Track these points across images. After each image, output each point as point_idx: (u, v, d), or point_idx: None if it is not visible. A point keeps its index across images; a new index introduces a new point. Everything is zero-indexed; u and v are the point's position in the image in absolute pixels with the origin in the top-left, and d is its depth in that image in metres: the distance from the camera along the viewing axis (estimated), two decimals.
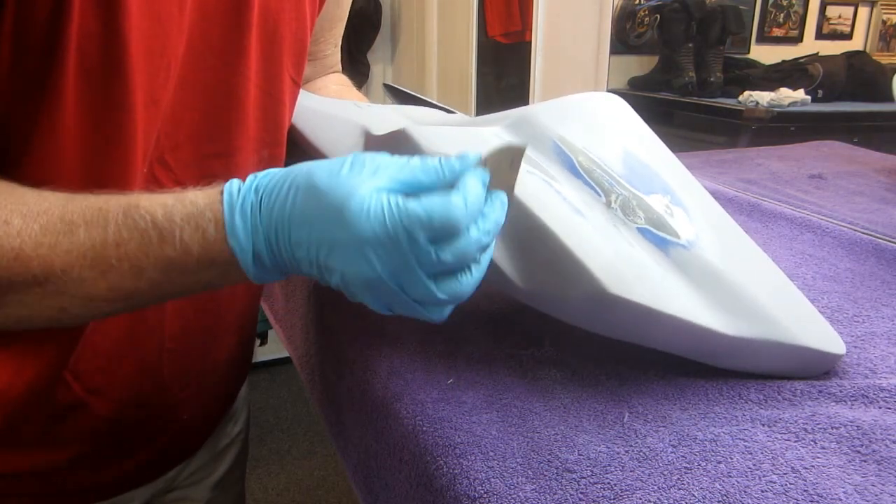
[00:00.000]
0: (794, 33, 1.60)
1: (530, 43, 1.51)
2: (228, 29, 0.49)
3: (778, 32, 1.61)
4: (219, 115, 0.51)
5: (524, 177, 0.46)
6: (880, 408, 0.43)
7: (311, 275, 0.39)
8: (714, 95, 1.60)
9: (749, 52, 1.64)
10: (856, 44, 1.48)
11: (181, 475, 0.66)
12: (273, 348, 2.23)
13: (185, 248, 0.37)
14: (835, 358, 0.47)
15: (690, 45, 1.62)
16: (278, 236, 0.38)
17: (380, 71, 2.45)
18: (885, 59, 1.46)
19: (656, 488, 0.37)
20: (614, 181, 0.47)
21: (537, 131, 0.49)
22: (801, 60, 1.53)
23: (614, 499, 0.37)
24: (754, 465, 0.39)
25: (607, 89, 1.39)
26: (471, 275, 0.38)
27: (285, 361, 2.29)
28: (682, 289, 0.44)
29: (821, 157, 1.26)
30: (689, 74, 1.61)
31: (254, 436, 1.22)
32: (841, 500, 0.36)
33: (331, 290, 0.54)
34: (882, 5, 1.46)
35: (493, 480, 0.39)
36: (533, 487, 0.38)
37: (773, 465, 0.39)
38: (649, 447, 0.41)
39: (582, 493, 0.37)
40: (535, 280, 0.46)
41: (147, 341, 0.53)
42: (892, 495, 0.36)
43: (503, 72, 2.09)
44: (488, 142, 0.48)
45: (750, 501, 0.36)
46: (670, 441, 0.41)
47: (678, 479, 0.38)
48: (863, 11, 1.47)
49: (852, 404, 0.44)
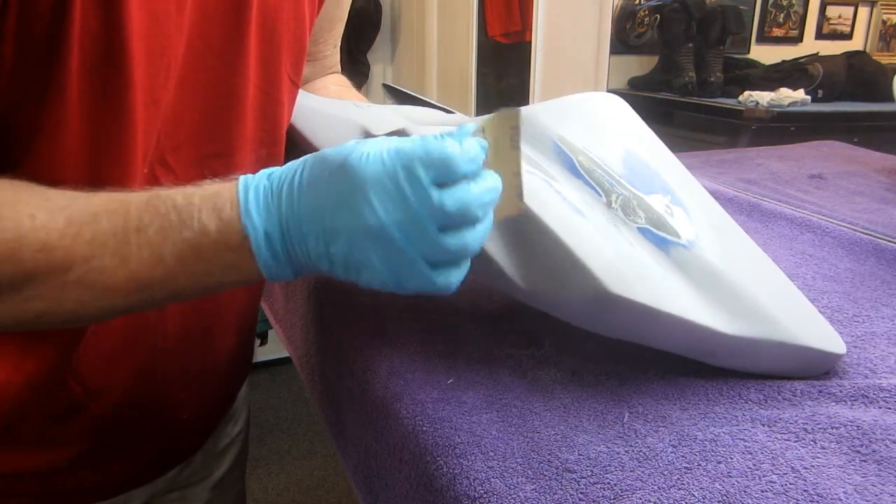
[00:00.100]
0: (794, 33, 1.60)
1: (530, 43, 1.51)
2: (228, 29, 0.49)
3: (778, 32, 1.61)
4: (218, 115, 0.51)
5: (525, 177, 0.46)
6: (880, 408, 0.43)
7: (320, 258, 0.39)
8: (714, 95, 1.60)
9: (749, 52, 1.64)
10: (856, 44, 1.48)
11: (181, 475, 0.66)
12: (273, 348, 2.23)
13: (203, 228, 0.39)
14: (835, 358, 0.47)
15: (690, 45, 1.62)
16: (289, 211, 0.39)
17: (380, 71, 2.45)
18: (885, 59, 1.46)
19: (656, 488, 0.37)
20: (614, 181, 0.47)
21: (537, 131, 0.49)
22: (801, 60, 1.53)
23: (614, 499, 0.37)
24: (754, 465, 0.39)
25: (607, 89, 1.39)
26: (475, 229, 0.38)
27: (285, 361, 2.29)
28: (683, 288, 0.44)
29: (821, 157, 1.26)
30: (689, 74, 1.61)
31: (254, 436, 1.22)
32: (841, 500, 0.36)
33: (331, 290, 0.54)
34: (882, 5, 1.46)
35: (493, 480, 0.39)
36: (533, 487, 0.38)
37: (773, 465, 0.39)
38: (649, 447, 0.41)
39: (582, 493, 0.37)
40: (535, 280, 0.46)
41: (147, 341, 0.53)
42: (892, 495, 0.36)
43: (503, 72, 2.09)
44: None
45: (750, 501, 0.36)
46: (670, 441, 0.41)
47: (678, 479, 0.38)
48: (863, 11, 1.47)
49: (852, 404, 0.44)
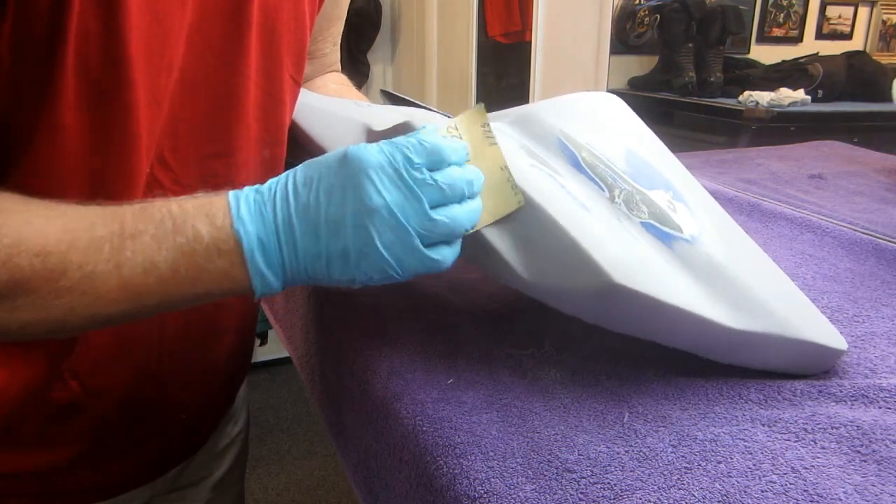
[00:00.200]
0: (794, 33, 1.60)
1: (530, 43, 1.51)
2: (228, 28, 0.49)
3: (778, 32, 1.60)
4: (219, 114, 0.51)
5: (529, 171, 0.46)
6: (880, 408, 0.43)
7: (317, 257, 0.40)
8: (714, 95, 1.60)
9: (749, 52, 1.64)
10: (856, 44, 1.48)
11: (181, 475, 0.66)
12: (273, 348, 2.23)
13: (197, 234, 0.39)
14: (837, 353, 0.47)
15: (690, 45, 1.62)
16: (284, 212, 0.40)
17: (380, 71, 2.45)
18: (885, 59, 1.46)
19: (656, 488, 0.37)
20: (617, 176, 0.47)
21: (541, 127, 0.49)
22: (801, 60, 1.53)
23: (614, 499, 0.37)
24: (754, 465, 0.39)
25: (607, 89, 1.39)
26: (462, 206, 0.42)
27: (285, 361, 2.29)
28: (687, 282, 0.44)
29: (821, 157, 1.26)
30: (689, 74, 1.61)
31: (254, 436, 1.22)
32: (841, 500, 0.36)
33: (331, 290, 0.54)
34: (882, 5, 1.46)
35: (493, 480, 0.39)
36: (533, 487, 0.38)
37: (773, 465, 0.39)
38: (649, 447, 0.41)
39: (582, 493, 0.37)
40: (540, 272, 0.45)
41: (146, 341, 0.53)
42: (892, 495, 0.36)
43: (503, 72, 2.09)
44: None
45: (750, 501, 0.36)
46: (670, 441, 0.41)
47: (678, 479, 0.38)
48: (863, 11, 1.47)
49: (852, 404, 0.44)
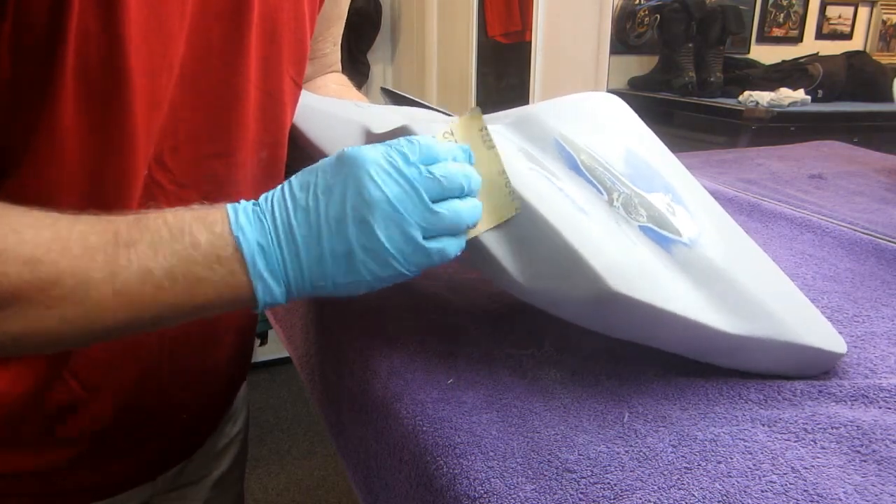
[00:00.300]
0: (794, 33, 1.60)
1: (530, 43, 1.51)
2: (228, 29, 0.49)
3: (778, 32, 1.60)
4: (218, 115, 0.50)
5: (527, 175, 0.46)
6: (880, 408, 0.43)
7: (320, 260, 0.40)
8: (714, 95, 1.60)
9: (749, 52, 1.64)
10: (856, 44, 1.48)
11: (181, 475, 0.66)
12: (273, 348, 2.23)
13: (194, 241, 0.39)
14: (836, 357, 0.47)
15: (690, 45, 1.62)
16: (283, 217, 0.40)
17: (380, 71, 2.45)
18: (885, 59, 1.46)
19: (656, 488, 0.37)
20: (616, 179, 0.47)
21: (540, 129, 0.49)
22: (801, 60, 1.52)
23: (614, 499, 0.37)
24: (754, 465, 0.39)
25: (607, 89, 1.39)
26: (464, 201, 0.42)
27: (285, 361, 2.29)
28: (685, 287, 0.44)
29: (821, 157, 1.26)
30: (689, 74, 1.61)
31: (254, 436, 1.22)
32: (841, 500, 0.36)
33: None
34: (882, 5, 1.46)
35: (493, 480, 0.39)
36: (533, 487, 0.38)
37: (773, 465, 0.39)
38: (649, 447, 0.41)
39: (582, 493, 0.37)
40: (537, 277, 0.45)
41: (146, 341, 0.53)
42: (892, 495, 0.36)
43: (503, 72, 2.09)
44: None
45: (750, 501, 0.36)
46: (670, 441, 0.41)
47: (678, 479, 0.38)
48: (863, 11, 1.47)
49: (852, 404, 0.44)
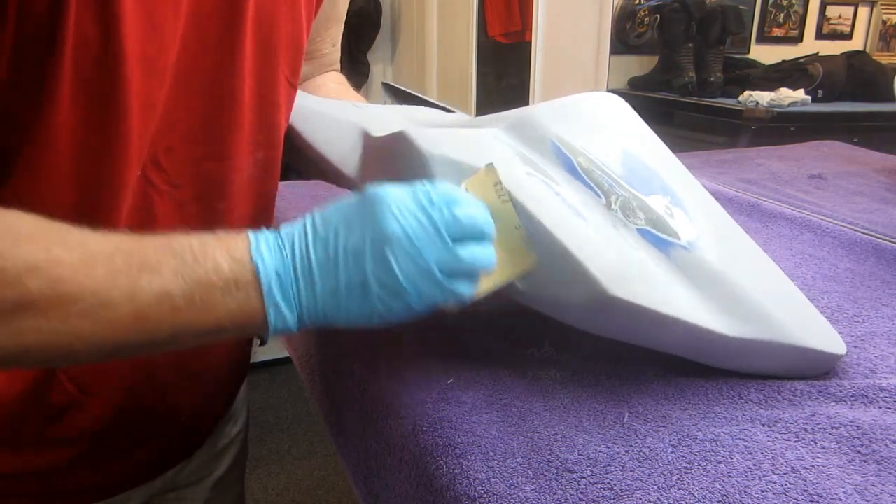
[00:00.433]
0: (794, 33, 1.60)
1: (530, 43, 1.51)
2: (223, 31, 0.49)
3: (778, 32, 1.61)
4: (213, 116, 0.50)
5: (524, 179, 0.46)
6: (880, 408, 0.43)
7: (334, 293, 0.40)
8: (714, 95, 1.60)
9: (749, 52, 1.64)
10: (856, 44, 1.48)
11: (180, 475, 0.66)
12: (273, 348, 2.23)
13: (216, 266, 0.39)
14: (835, 358, 0.47)
15: (690, 45, 1.62)
16: (302, 249, 0.40)
17: (380, 71, 2.45)
18: (885, 59, 1.46)
19: (656, 488, 0.37)
20: (614, 182, 0.47)
21: (536, 132, 0.49)
22: (801, 60, 1.53)
23: (614, 499, 0.37)
24: (754, 465, 0.39)
25: (607, 89, 1.39)
26: (483, 246, 0.42)
27: (285, 361, 2.29)
28: (683, 290, 0.44)
29: (821, 157, 1.26)
30: (689, 74, 1.61)
31: (254, 436, 1.22)
32: (841, 500, 0.36)
33: None
34: (882, 5, 1.46)
35: (493, 480, 0.39)
36: (533, 487, 0.38)
37: (773, 465, 0.39)
38: (649, 447, 0.41)
39: (582, 493, 0.37)
40: (536, 282, 0.45)
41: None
42: (892, 495, 0.36)
43: (503, 72, 2.10)
44: (488, 145, 0.48)
45: (750, 501, 0.36)
46: (670, 441, 0.41)
47: (678, 479, 0.38)
48: (863, 11, 1.47)
49: (852, 404, 0.44)
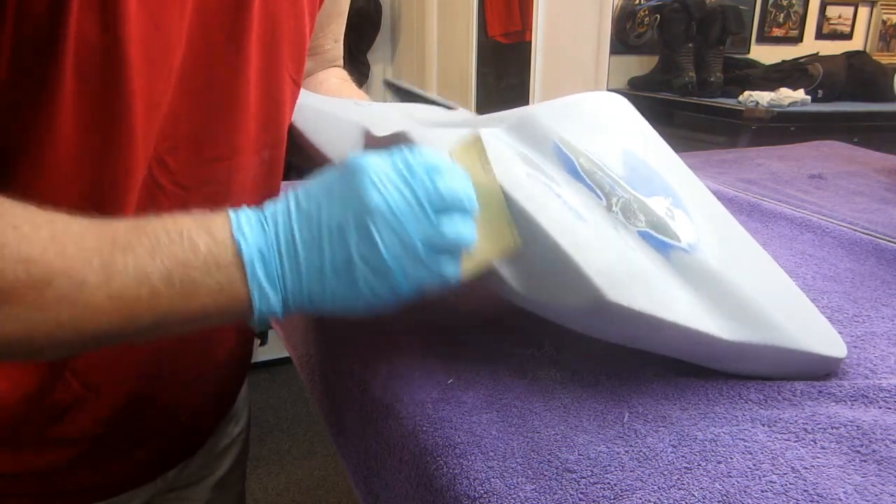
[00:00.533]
0: (794, 33, 1.60)
1: (530, 43, 1.51)
2: (229, 29, 0.49)
3: (778, 32, 1.61)
4: (218, 116, 0.51)
5: (525, 180, 0.46)
6: (880, 408, 0.43)
7: (320, 271, 0.39)
8: (714, 95, 1.60)
9: (749, 52, 1.64)
10: (856, 44, 1.48)
11: (181, 475, 0.66)
12: (273, 348, 2.23)
13: (193, 245, 0.38)
14: (836, 361, 0.47)
15: (690, 45, 1.62)
16: (285, 224, 0.40)
17: (380, 70, 2.45)
18: (885, 59, 1.46)
19: (656, 488, 0.37)
20: (615, 183, 0.47)
21: (538, 133, 0.49)
22: (801, 60, 1.53)
23: (614, 499, 0.37)
24: (754, 465, 0.39)
25: (607, 89, 1.38)
26: (466, 220, 0.41)
27: (285, 361, 2.29)
28: (683, 294, 0.44)
29: (821, 157, 1.26)
30: (689, 74, 1.61)
31: (254, 436, 1.21)
32: (841, 500, 0.36)
33: None
34: (882, 5, 1.46)
35: (493, 480, 0.39)
36: (533, 487, 0.38)
37: (773, 465, 0.39)
38: (649, 447, 0.41)
39: (582, 493, 0.37)
40: (535, 286, 0.45)
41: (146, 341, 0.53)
42: (892, 495, 0.36)
43: (503, 72, 2.09)
44: (488, 145, 0.48)
45: (750, 501, 0.36)
46: (670, 441, 0.41)
47: (678, 479, 0.38)
48: (863, 11, 1.47)
49: (852, 404, 0.44)
